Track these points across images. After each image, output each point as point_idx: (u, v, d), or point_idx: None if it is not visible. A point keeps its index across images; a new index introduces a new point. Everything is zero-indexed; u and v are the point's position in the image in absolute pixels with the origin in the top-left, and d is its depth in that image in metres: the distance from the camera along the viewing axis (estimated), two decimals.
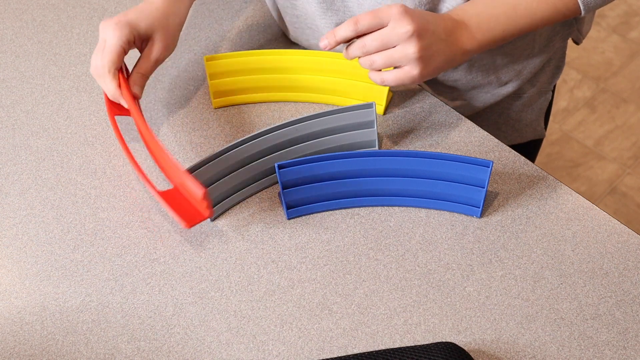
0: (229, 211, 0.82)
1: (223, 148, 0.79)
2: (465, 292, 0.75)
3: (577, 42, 1.00)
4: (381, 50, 0.75)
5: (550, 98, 1.06)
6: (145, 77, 0.83)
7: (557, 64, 1.01)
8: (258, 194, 0.83)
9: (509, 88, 0.97)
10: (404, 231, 0.79)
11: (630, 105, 2.07)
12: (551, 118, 1.15)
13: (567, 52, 1.03)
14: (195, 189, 0.71)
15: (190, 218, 0.75)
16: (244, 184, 0.82)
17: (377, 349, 0.70)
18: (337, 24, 0.91)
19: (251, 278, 0.76)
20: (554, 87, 1.07)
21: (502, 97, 0.98)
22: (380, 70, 0.78)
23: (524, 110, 1.02)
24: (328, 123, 0.83)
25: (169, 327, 0.73)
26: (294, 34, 0.97)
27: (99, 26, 0.82)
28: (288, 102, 0.92)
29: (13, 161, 0.87)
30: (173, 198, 0.76)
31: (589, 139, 2.00)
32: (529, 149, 1.08)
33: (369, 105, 0.82)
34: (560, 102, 2.08)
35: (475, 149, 0.86)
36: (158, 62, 0.84)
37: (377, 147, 0.85)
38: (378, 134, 0.85)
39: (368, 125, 0.84)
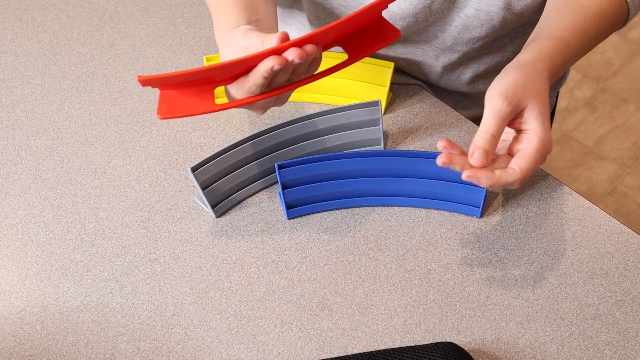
0: (229, 211, 0.82)
1: (223, 148, 0.79)
2: (465, 292, 0.75)
3: None
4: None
5: (554, 103, 1.06)
6: None
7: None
8: (258, 194, 0.83)
9: None
10: (404, 231, 0.79)
11: (630, 105, 2.07)
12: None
13: None
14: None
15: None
16: (244, 183, 0.82)
17: (377, 349, 0.70)
18: None
19: (251, 278, 0.76)
20: (558, 92, 1.07)
21: None
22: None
23: None
24: (333, 121, 0.83)
25: (169, 327, 0.73)
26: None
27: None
28: (288, 102, 0.91)
29: (13, 161, 0.87)
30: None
31: (589, 139, 2.00)
32: None
33: (374, 103, 0.82)
34: (560, 102, 2.08)
35: None
36: None
37: (382, 145, 0.85)
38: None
39: (373, 123, 0.84)
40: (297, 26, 0.96)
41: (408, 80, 0.94)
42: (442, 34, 0.86)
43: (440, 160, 0.66)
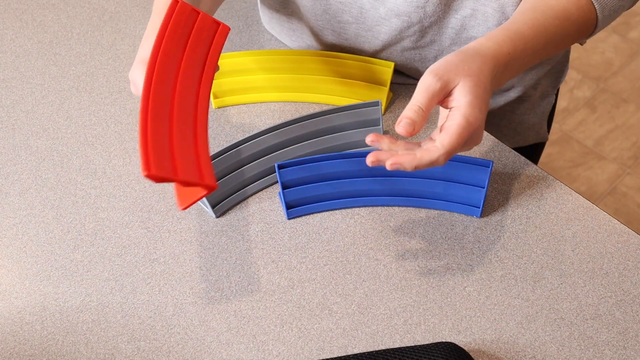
0: (229, 211, 0.82)
1: (223, 148, 0.79)
2: (465, 292, 0.75)
3: (581, 43, 1.00)
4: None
5: (553, 101, 1.06)
6: None
7: (560, 68, 1.01)
8: (258, 194, 0.83)
9: (511, 94, 0.97)
10: (404, 231, 0.79)
11: (630, 105, 2.07)
12: None
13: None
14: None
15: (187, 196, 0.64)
16: (244, 183, 0.82)
17: (377, 349, 0.70)
18: (333, 44, 0.91)
19: (251, 278, 0.76)
20: (557, 90, 1.07)
21: (505, 102, 0.98)
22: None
23: (526, 113, 1.02)
24: (333, 121, 0.83)
25: (169, 327, 0.73)
26: (291, 45, 0.98)
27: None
28: (288, 102, 0.92)
29: (13, 161, 0.87)
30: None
31: (589, 139, 2.00)
32: (531, 152, 1.08)
33: (375, 104, 0.82)
34: (560, 102, 2.08)
35: (475, 149, 0.86)
36: None
37: None
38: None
39: (374, 123, 0.84)
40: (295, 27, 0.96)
41: (408, 80, 0.94)
42: (439, 38, 0.86)
43: (369, 160, 0.66)
